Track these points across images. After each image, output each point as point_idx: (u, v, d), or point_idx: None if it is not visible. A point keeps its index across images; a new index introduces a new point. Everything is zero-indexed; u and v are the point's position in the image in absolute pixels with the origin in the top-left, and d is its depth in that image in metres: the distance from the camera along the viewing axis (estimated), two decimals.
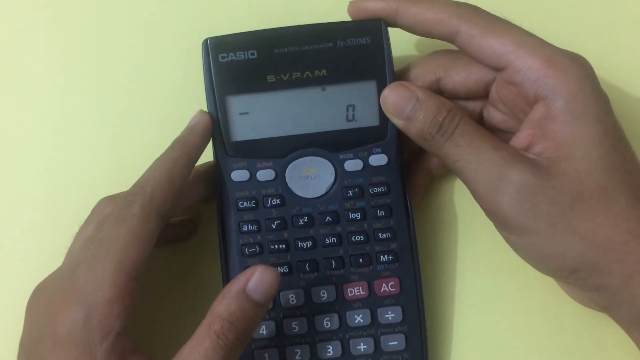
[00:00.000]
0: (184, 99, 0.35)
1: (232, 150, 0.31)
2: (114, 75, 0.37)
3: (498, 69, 0.29)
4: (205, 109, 0.31)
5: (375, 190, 0.31)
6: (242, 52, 0.30)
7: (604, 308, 0.28)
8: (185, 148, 0.30)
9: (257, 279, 0.26)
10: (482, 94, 0.31)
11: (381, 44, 0.30)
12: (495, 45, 0.28)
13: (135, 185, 0.29)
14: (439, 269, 0.34)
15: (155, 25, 0.38)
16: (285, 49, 0.30)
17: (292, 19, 0.31)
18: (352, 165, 0.31)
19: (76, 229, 0.31)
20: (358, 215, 0.31)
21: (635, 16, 0.37)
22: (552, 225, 0.27)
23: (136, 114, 0.37)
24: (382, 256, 0.31)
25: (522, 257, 0.29)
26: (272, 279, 0.26)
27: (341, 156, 0.31)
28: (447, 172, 0.35)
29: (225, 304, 0.26)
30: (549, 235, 0.27)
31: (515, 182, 0.27)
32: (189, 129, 0.30)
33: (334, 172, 0.31)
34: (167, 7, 0.38)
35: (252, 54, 0.30)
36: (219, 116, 0.30)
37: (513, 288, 0.34)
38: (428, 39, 0.31)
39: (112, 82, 0.37)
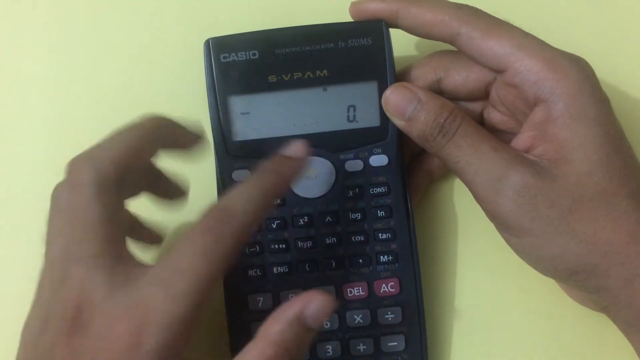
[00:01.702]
0: (185, 99, 0.35)
1: (233, 150, 0.31)
2: (115, 75, 0.37)
3: (498, 71, 0.29)
4: (207, 109, 0.31)
5: (375, 190, 0.31)
6: (243, 53, 0.30)
7: (604, 309, 0.28)
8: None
9: (315, 308, 0.25)
10: (483, 95, 0.31)
11: (382, 45, 0.30)
12: (495, 48, 0.28)
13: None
14: (439, 269, 0.34)
15: (156, 25, 0.38)
16: (287, 50, 0.30)
17: (294, 19, 0.31)
18: (353, 165, 0.31)
19: None
20: (358, 216, 0.31)
21: (636, 17, 0.37)
22: (551, 227, 0.27)
23: (136, 114, 0.36)
24: (382, 256, 0.31)
25: (521, 258, 0.29)
26: (329, 307, 0.25)
27: (342, 156, 0.31)
28: (447, 172, 0.35)
29: (279, 330, 0.24)
30: (549, 237, 0.27)
31: (515, 184, 0.27)
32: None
33: (334, 172, 0.31)
34: (168, 8, 0.38)
35: (254, 54, 0.30)
36: (220, 116, 0.30)
37: (513, 288, 0.34)
38: (429, 39, 0.31)
39: (112, 81, 0.37)
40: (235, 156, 0.31)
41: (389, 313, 0.31)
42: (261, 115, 0.30)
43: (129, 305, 0.23)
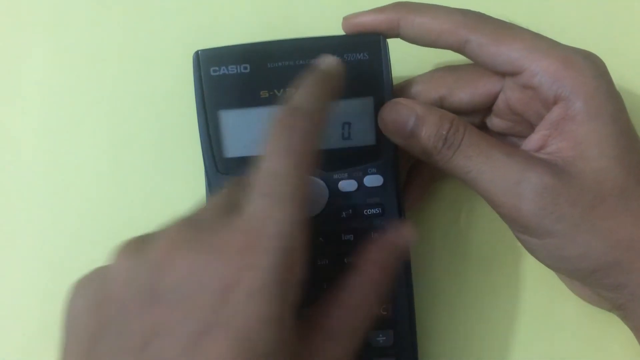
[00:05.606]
0: (177, 112, 0.35)
1: (223, 167, 0.30)
2: (107, 86, 0.36)
3: (512, 75, 0.28)
4: (196, 123, 0.30)
5: (369, 212, 0.30)
6: (234, 66, 0.29)
7: (619, 307, 0.28)
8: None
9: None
10: (488, 106, 0.31)
11: (379, 60, 0.29)
12: (507, 52, 0.27)
13: None
14: (434, 282, 0.34)
15: (151, 36, 0.37)
16: (280, 64, 0.29)
17: (288, 32, 0.30)
18: (347, 185, 0.30)
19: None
20: (351, 237, 0.30)
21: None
22: (574, 226, 0.26)
23: (135, 115, 0.36)
24: None
25: (539, 259, 0.29)
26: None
27: (335, 176, 0.30)
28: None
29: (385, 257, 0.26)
30: (571, 237, 0.26)
31: (536, 186, 0.26)
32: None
33: (327, 192, 0.30)
34: (161, 19, 0.37)
35: (245, 68, 0.29)
36: (210, 132, 0.29)
37: (513, 292, 0.33)
38: (428, 48, 0.29)
39: (104, 92, 0.36)
40: (225, 174, 0.30)
41: (380, 335, 0.30)
42: (252, 131, 0.29)
43: (240, 222, 0.22)
